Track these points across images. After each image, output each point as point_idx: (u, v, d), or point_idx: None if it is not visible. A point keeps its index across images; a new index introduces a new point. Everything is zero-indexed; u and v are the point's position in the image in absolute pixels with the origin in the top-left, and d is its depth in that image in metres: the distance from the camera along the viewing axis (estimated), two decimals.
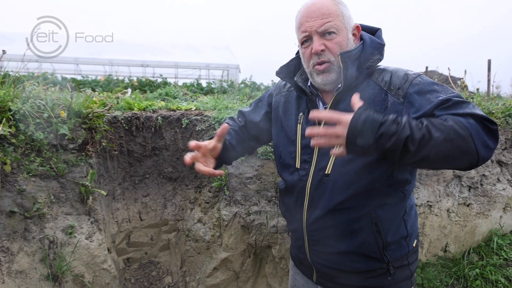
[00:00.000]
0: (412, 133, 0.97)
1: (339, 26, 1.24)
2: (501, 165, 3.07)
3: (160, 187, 2.83)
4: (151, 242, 2.82)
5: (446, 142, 0.98)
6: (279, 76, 1.45)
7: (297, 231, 1.42)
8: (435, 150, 0.98)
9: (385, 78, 1.25)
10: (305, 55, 1.31)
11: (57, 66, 12.97)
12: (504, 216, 3.09)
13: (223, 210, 2.45)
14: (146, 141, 2.73)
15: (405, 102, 1.18)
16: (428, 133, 0.98)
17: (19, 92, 2.07)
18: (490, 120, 1.04)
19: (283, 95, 1.51)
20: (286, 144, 1.42)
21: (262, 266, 2.60)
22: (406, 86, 1.19)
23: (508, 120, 3.06)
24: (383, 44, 1.31)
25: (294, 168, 1.38)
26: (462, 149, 1.00)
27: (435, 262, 2.87)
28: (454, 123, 1.00)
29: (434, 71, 6.25)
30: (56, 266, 1.96)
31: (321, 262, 1.39)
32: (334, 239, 1.31)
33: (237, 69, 15.01)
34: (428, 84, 1.18)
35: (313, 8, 1.25)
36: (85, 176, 2.18)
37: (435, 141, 0.98)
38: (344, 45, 1.25)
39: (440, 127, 0.99)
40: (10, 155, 1.90)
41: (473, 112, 1.04)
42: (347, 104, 1.20)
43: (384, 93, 1.23)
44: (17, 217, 1.87)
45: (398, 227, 1.32)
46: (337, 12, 1.25)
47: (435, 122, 1.02)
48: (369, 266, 1.32)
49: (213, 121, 2.68)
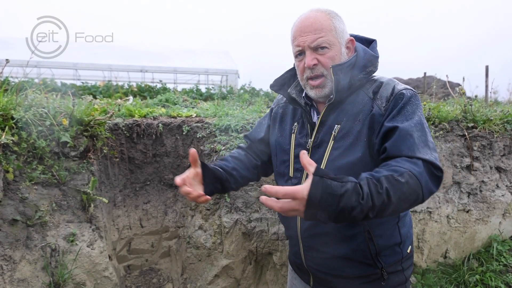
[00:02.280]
0: (373, 203, 0.96)
1: (332, 40, 1.27)
2: (500, 172, 3.09)
3: (161, 194, 2.83)
4: (151, 249, 2.82)
5: (402, 201, 1.02)
6: (273, 89, 1.48)
7: (293, 237, 1.46)
8: (392, 210, 1.01)
9: (374, 89, 1.29)
10: (299, 67, 1.35)
11: (56, 72, 12.98)
12: (504, 222, 3.10)
13: (224, 217, 2.46)
14: (147, 148, 2.74)
15: (385, 114, 1.21)
16: (388, 197, 0.98)
17: (21, 100, 2.08)
18: (438, 167, 1.09)
19: (281, 106, 1.56)
20: (281, 153, 1.46)
21: (263, 273, 2.60)
22: (391, 98, 1.23)
23: (507, 127, 3.09)
24: (377, 56, 1.34)
25: (288, 176, 1.41)
26: (414, 201, 1.06)
27: (435, 268, 2.88)
28: (409, 177, 1.02)
29: (432, 77, 6.29)
30: (58, 274, 1.96)
31: (316, 267, 1.42)
32: (327, 245, 1.34)
33: (236, 74, 15.06)
34: (405, 104, 1.21)
35: (307, 23, 1.28)
36: (86, 183, 2.18)
37: (393, 204, 1.00)
38: (336, 59, 1.28)
39: (397, 187, 1.00)
40: (13, 163, 1.91)
41: (424, 158, 1.08)
42: (338, 113, 1.29)
43: (371, 102, 1.26)
44: (19, 225, 1.88)
45: (392, 233, 1.35)
46: (330, 27, 1.27)
47: (392, 180, 1.01)
48: (363, 271, 1.34)
49: (214, 128, 2.69)
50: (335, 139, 1.27)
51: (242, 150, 1.63)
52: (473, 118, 3.02)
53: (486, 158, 3.00)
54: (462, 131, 2.94)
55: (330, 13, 1.30)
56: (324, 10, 1.30)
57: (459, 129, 2.95)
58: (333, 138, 1.28)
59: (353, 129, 1.25)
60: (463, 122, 2.99)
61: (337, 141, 1.27)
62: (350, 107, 1.29)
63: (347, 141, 1.25)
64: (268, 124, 1.60)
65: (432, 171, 1.08)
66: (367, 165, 1.22)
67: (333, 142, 1.27)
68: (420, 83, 12.48)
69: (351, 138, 1.25)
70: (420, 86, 11.66)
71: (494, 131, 2.99)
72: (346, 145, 1.25)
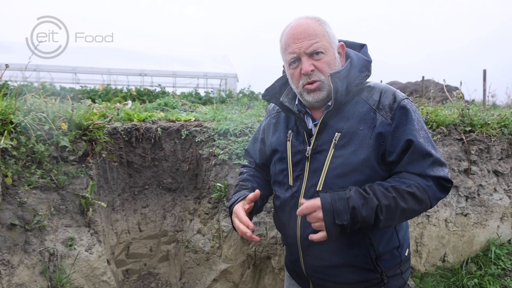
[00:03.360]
0: (379, 201, 1.13)
1: (326, 46, 1.28)
2: (498, 175, 3.10)
3: (159, 198, 2.83)
4: (150, 253, 2.81)
5: (410, 210, 1.18)
6: (265, 98, 1.48)
7: (292, 246, 1.44)
8: (400, 214, 1.17)
9: (374, 97, 1.30)
10: (294, 76, 1.34)
11: (55, 75, 12.99)
12: (502, 226, 3.11)
13: (223, 221, 2.46)
14: (145, 152, 2.74)
15: (393, 123, 1.24)
16: (395, 203, 1.14)
17: (20, 104, 2.09)
18: (448, 179, 1.22)
19: (273, 116, 1.57)
20: (279, 163, 1.45)
21: (262, 277, 2.60)
22: (395, 107, 1.26)
23: (504, 131, 3.10)
24: (370, 60, 1.35)
25: (288, 185, 1.40)
26: (421, 210, 1.22)
27: (434, 272, 2.88)
28: (416, 189, 1.18)
29: (430, 80, 6.33)
30: (56, 279, 1.96)
31: (316, 275, 1.41)
32: (328, 253, 1.33)
33: (235, 78, 15.10)
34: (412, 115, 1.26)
35: (299, 29, 1.28)
36: (85, 187, 2.18)
37: (401, 208, 1.15)
38: (332, 64, 1.29)
39: (404, 196, 1.16)
40: (11, 167, 1.91)
41: (433, 175, 1.20)
42: (337, 121, 1.30)
43: (373, 112, 1.27)
44: (18, 229, 1.88)
45: (390, 238, 1.36)
46: (322, 32, 1.28)
47: (401, 190, 1.17)
48: (364, 276, 1.34)
49: (212, 132, 2.70)
50: (336, 147, 1.27)
51: (255, 170, 1.65)
52: (471, 122, 3.03)
53: (484, 162, 3.01)
54: (460, 135, 2.95)
55: (320, 19, 1.32)
56: (313, 17, 1.32)
57: (457, 133, 2.97)
58: (333, 146, 1.27)
59: (355, 138, 1.26)
60: (460, 126, 3.00)
61: (338, 149, 1.27)
62: (350, 115, 1.30)
63: (349, 150, 1.25)
64: (261, 137, 1.62)
65: (442, 184, 1.22)
66: (371, 167, 1.25)
67: (333, 150, 1.27)
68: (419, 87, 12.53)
69: (353, 146, 1.25)
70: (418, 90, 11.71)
71: (491, 135, 3.00)
72: (348, 154, 1.25)
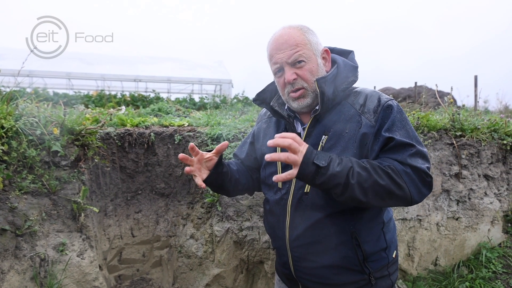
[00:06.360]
0: (353, 166, 1.13)
1: (308, 54, 1.32)
2: (488, 179, 3.14)
3: (152, 203, 2.83)
4: (143, 258, 2.80)
5: (385, 189, 1.15)
6: (256, 103, 1.53)
7: (281, 248, 1.47)
8: (375, 192, 1.14)
9: (360, 101, 1.34)
10: (280, 84, 1.39)
11: (48, 81, 12.95)
12: (492, 229, 3.14)
13: (216, 226, 2.46)
14: (138, 157, 2.74)
15: (376, 124, 1.27)
16: (368, 174, 1.13)
17: (12, 109, 2.08)
18: (427, 173, 1.20)
19: (264, 121, 1.62)
20: (268, 166, 1.50)
21: (255, 282, 2.60)
22: (379, 110, 1.29)
23: (494, 135, 3.15)
24: (356, 66, 1.41)
25: (277, 188, 1.44)
26: (400, 196, 1.17)
27: (426, 275, 2.90)
28: (391, 170, 1.16)
29: (423, 86, 6.40)
30: (47, 285, 1.94)
31: (305, 277, 1.43)
32: (316, 255, 1.36)
33: (230, 84, 15.15)
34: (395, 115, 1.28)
35: (281, 40, 1.33)
36: (77, 192, 2.18)
37: (374, 181, 1.13)
38: (314, 70, 1.34)
39: (378, 172, 1.15)
40: (2, 172, 1.90)
41: (412, 164, 1.19)
42: (324, 124, 1.34)
43: (359, 115, 1.32)
44: (8, 235, 1.86)
45: (378, 239, 1.38)
46: (304, 41, 1.32)
47: (375, 165, 1.17)
48: (352, 278, 1.36)
49: (206, 137, 2.71)
50: (323, 149, 1.31)
51: (241, 163, 1.66)
52: (461, 127, 3.07)
53: (474, 166, 3.04)
54: (451, 140, 2.99)
55: (302, 28, 1.36)
56: (296, 26, 1.36)
57: (448, 137, 3.00)
58: (321, 148, 1.32)
59: (341, 140, 1.30)
60: (451, 131, 3.04)
61: (325, 151, 1.29)
62: (337, 118, 1.34)
63: (335, 151, 1.29)
64: (251, 141, 1.65)
65: (422, 176, 1.19)
66: None
67: None
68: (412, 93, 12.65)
69: (339, 148, 1.29)
70: (411, 96, 11.82)
71: (481, 140, 3.04)
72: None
